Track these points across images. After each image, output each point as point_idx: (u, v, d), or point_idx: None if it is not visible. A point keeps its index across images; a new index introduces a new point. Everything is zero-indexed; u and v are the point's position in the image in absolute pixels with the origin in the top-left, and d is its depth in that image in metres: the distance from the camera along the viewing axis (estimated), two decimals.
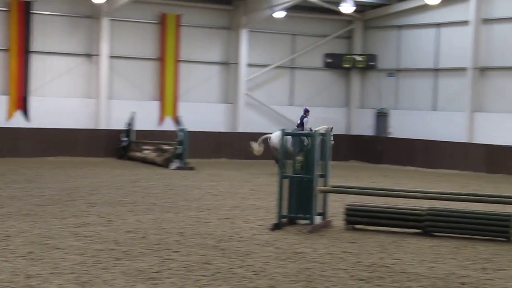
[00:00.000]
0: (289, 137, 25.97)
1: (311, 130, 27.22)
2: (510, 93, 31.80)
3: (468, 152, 32.46)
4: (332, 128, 26.81)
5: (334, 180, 17.44)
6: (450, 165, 32.63)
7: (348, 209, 15.45)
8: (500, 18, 32.11)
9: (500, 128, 31.53)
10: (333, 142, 27.12)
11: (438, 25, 34.46)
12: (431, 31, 34.73)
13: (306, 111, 27.94)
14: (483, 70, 32.60)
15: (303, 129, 26.93)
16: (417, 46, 35.44)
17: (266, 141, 28.26)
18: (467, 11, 32.74)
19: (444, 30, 34.26)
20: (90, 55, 32.40)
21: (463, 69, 33.02)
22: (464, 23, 32.99)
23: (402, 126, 35.43)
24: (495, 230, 14.47)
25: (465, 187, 24.92)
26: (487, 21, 32.46)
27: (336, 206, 17.21)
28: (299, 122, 27.92)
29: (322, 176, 15.39)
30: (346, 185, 17.68)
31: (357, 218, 15.36)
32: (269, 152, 28.09)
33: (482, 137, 32.19)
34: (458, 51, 33.49)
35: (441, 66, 34.37)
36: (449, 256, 12.66)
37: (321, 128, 26.77)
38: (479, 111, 32.55)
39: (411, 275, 11.02)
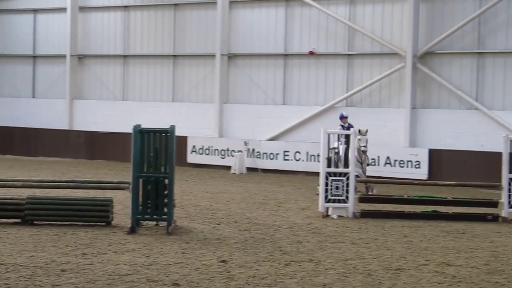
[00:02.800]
0: (341, 146, 20.44)
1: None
2: (108, 81, 32.56)
3: (68, 139, 32.60)
4: (367, 131, 21.12)
5: None
6: (51, 152, 32.50)
7: None
8: (95, 6, 32.68)
9: (98, 115, 32.14)
10: (366, 148, 20.84)
11: (35, 11, 34.05)
12: (28, 17, 34.19)
13: (342, 118, 22.36)
14: (81, 58, 32.94)
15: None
16: (14, 32, 34.66)
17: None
18: None
19: (42, 17, 33.94)
20: None
21: (62, 56, 33.05)
22: (62, 10, 33.02)
23: (0, 114, 34.41)
24: (95, 215, 14.70)
25: (66, 174, 25.05)
26: (83, 9, 32.84)
27: None
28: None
29: None
30: None
31: None
32: None
33: (81, 124, 32.55)
34: (56, 38, 33.43)
35: (40, 53, 34.04)
36: (49, 244, 12.57)
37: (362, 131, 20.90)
38: (78, 98, 32.85)
39: (10, 266, 10.73)
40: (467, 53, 25.77)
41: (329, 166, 17.01)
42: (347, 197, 16.86)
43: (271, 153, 28.13)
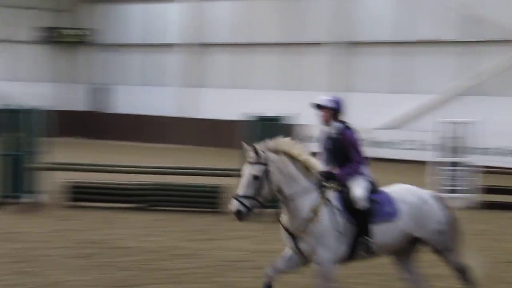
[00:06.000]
0: None
1: None
2: (223, 69, 32.74)
3: (180, 126, 32.83)
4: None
5: (54, 156, 16.74)
6: (162, 139, 32.78)
7: (73, 187, 15.17)
8: None
9: (215, 103, 32.33)
10: None
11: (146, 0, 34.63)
12: (139, 7, 34.87)
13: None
14: (203, 46, 33.16)
15: None
16: (129, 22, 35.30)
17: None
18: None
19: (152, 7, 34.50)
20: None
21: (180, 45, 33.44)
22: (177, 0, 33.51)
23: (125, 101, 35.10)
24: (205, 201, 14.97)
25: (178, 160, 25.12)
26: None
27: (53, 183, 16.76)
28: None
29: (35, 153, 14.88)
30: (70, 161, 17.13)
31: (78, 195, 15.12)
32: None
33: (205, 112, 32.71)
34: (170, 27, 33.81)
35: (152, 42, 34.55)
36: (166, 229, 12.98)
37: None
38: (193, 87, 33.19)
39: (127, 250, 11.11)
40: None
41: None
42: None
43: None
